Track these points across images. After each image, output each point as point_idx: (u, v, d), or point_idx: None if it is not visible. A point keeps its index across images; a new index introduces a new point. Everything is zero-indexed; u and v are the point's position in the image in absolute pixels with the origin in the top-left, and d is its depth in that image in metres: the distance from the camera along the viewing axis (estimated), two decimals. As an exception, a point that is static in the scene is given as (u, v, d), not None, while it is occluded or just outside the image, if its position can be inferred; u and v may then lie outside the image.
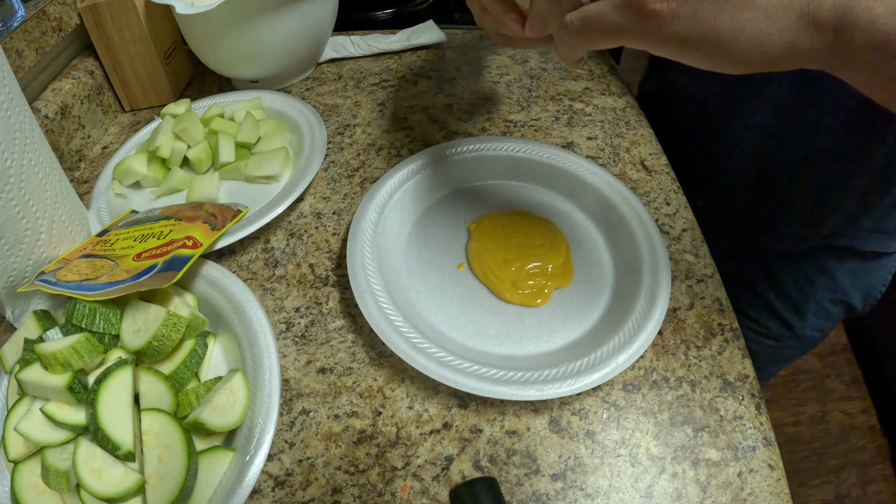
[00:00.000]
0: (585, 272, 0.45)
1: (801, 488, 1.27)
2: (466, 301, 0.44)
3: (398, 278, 0.45)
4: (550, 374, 0.36)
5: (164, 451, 0.33)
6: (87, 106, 0.60)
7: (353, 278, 0.41)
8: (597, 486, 0.35)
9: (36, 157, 0.40)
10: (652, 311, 0.39)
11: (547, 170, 0.51)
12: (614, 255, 0.46)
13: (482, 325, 0.42)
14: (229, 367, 0.40)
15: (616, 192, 0.48)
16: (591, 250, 0.47)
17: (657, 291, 0.40)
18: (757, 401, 0.38)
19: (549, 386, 0.36)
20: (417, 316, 0.42)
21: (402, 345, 0.37)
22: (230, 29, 0.57)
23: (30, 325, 0.38)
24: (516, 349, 0.41)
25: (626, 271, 0.44)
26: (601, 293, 0.44)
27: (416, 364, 0.37)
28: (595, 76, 0.67)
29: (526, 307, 0.43)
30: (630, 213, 0.46)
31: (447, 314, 0.43)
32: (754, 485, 0.34)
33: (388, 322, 0.39)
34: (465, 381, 0.36)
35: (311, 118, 0.57)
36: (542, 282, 0.44)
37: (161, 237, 0.43)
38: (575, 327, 0.42)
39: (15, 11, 0.52)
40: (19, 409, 0.35)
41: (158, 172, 0.54)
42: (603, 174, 0.49)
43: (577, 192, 0.50)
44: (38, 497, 0.34)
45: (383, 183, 0.49)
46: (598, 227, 0.49)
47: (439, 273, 0.46)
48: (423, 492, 0.35)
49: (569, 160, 0.51)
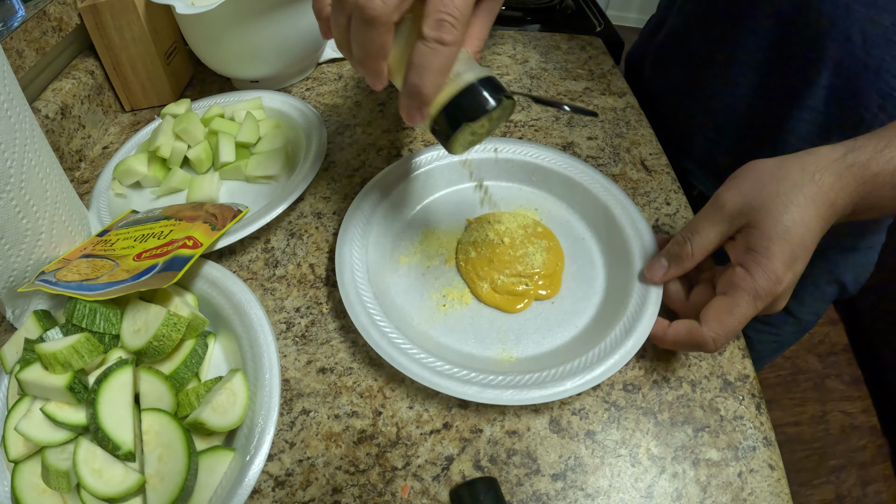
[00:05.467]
0: (579, 272, 0.45)
1: (801, 488, 1.27)
2: (462, 305, 0.44)
3: (386, 280, 0.45)
4: (548, 375, 0.36)
5: (164, 451, 0.33)
6: (87, 106, 0.60)
7: (342, 284, 0.41)
8: (597, 486, 0.35)
9: (36, 157, 0.40)
10: (645, 307, 0.39)
11: (545, 173, 0.51)
12: (606, 255, 0.46)
13: (482, 332, 0.42)
14: (229, 367, 0.40)
15: (605, 191, 0.48)
16: (584, 250, 0.47)
17: (649, 289, 0.40)
18: (757, 401, 0.38)
19: (548, 387, 0.35)
20: (407, 323, 0.42)
21: (402, 358, 0.37)
22: (230, 29, 0.57)
23: (30, 325, 0.38)
24: (515, 351, 0.41)
25: (619, 268, 0.44)
26: (594, 294, 0.44)
27: (411, 374, 0.37)
28: (595, 76, 0.67)
29: (543, 299, 0.43)
30: (621, 213, 0.46)
31: (440, 321, 0.43)
32: (754, 485, 0.34)
33: (381, 335, 0.39)
34: (463, 388, 0.36)
35: (311, 118, 0.57)
36: (525, 290, 0.43)
37: (161, 237, 0.42)
38: (570, 328, 0.42)
39: (15, 11, 0.52)
40: (20, 409, 0.35)
41: (159, 172, 0.54)
42: (593, 174, 0.49)
43: (570, 193, 0.50)
44: (38, 497, 0.34)
45: (376, 183, 0.49)
46: (590, 228, 0.48)
47: (420, 269, 0.46)
48: (424, 492, 0.35)
49: (564, 163, 0.51)
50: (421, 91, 0.30)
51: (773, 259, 0.34)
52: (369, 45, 0.30)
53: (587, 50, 0.72)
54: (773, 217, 0.34)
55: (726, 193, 0.37)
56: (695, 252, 0.38)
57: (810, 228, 0.34)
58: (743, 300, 0.34)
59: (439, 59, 0.29)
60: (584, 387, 0.35)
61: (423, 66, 0.29)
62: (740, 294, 0.35)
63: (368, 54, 0.30)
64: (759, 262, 0.34)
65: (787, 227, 0.34)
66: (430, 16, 0.28)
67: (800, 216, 0.34)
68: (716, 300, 0.36)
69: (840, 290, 0.63)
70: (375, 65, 0.31)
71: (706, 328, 0.35)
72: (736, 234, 0.37)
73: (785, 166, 0.36)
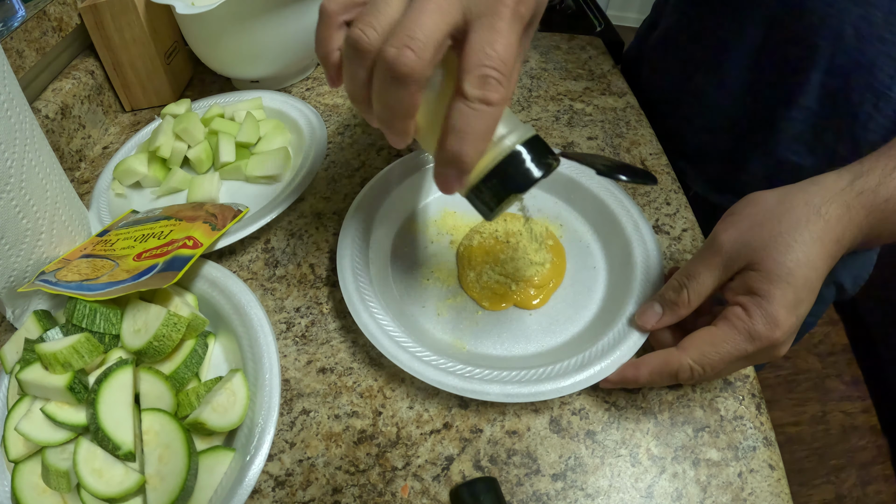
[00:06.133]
0: (579, 272, 0.45)
1: (801, 488, 1.27)
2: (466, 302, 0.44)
3: (389, 279, 0.45)
4: (548, 372, 0.36)
5: (164, 451, 0.33)
6: (87, 106, 0.60)
7: (344, 285, 0.41)
8: (597, 486, 0.35)
9: (36, 158, 0.40)
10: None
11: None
12: (607, 255, 0.46)
13: (483, 327, 0.42)
14: (230, 367, 0.40)
15: (607, 192, 0.47)
16: (585, 252, 0.47)
17: (650, 290, 0.40)
18: (757, 401, 0.38)
19: (547, 384, 0.35)
20: (406, 315, 0.42)
21: (404, 356, 0.37)
22: (230, 29, 0.57)
23: (30, 325, 0.38)
24: (515, 349, 0.41)
25: (620, 269, 0.44)
26: (594, 293, 0.44)
27: (413, 371, 0.36)
28: (595, 76, 0.67)
29: (523, 308, 0.43)
30: (623, 214, 0.46)
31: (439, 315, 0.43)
32: (755, 485, 0.34)
33: (384, 334, 0.39)
34: (464, 385, 0.36)
35: (311, 118, 0.57)
36: (507, 292, 0.43)
37: (161, 237, 0.43)
38: (570, 326, 0.42)
39: (15, 11, 0.52)
40: (20, 409, 0.35)
41: (159, 172, 0.54)
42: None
43: (572, 194, 0.50)
44: (38, 497, 0.34)
45: (377, 183, 0.49)
46: (592, 227, 0.48)
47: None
48: (424, 492, 0.35)
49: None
50: (462, 159, 0.25)
51: (775, 303, 0.31)
52: (397, 105, 0.25)
53: (587, 50, 0.72)
54: (774, 258, 0.32)
55: (723, 234, 0.34)
56: (691, 299, 0.35)
57: (816, 268, 0.32)
58: (730, 336, 0.32)
59: (484, 121, 0.25)
60: (584, 384, 0.36)
61: (464, 131, 0.25)
62: (730, 329, 0.32)
63: (395, 114, 0.26)
64: (760, 305, 0.32)
65: (790, 268, 0.31)
66: (471, 71, 0.24)
67: (804, 256, 0.31)
68: (702, 329, 0.34)
69: (839, 292, 0.63)
70: (402, 125, 0.27)
71: (684, 354, 0.33)
72: (735, 276, 0.34)
73: (787, 200, 0.33)
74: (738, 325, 0.32)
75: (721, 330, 0.33)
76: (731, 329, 0.32)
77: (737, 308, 0.33)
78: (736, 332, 0.32)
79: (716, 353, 0.32)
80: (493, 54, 0.24)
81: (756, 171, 0.56)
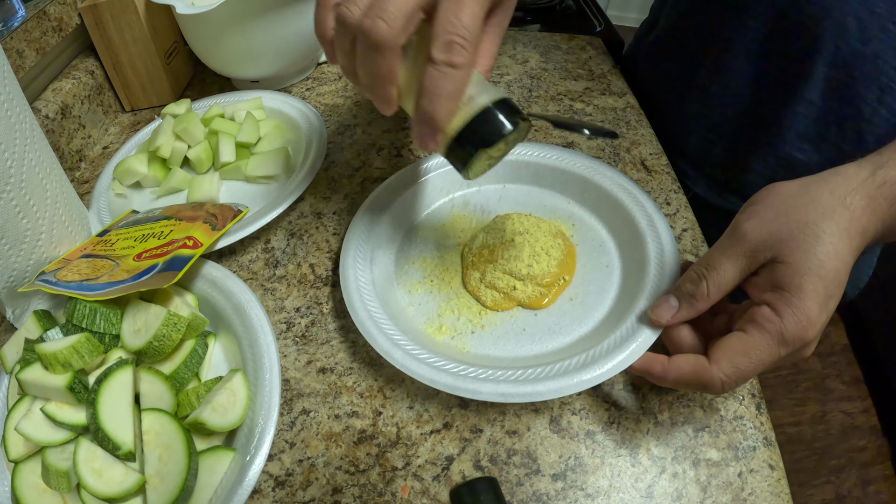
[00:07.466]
0: (594, 271, 0.44)
1: (801, 488, 1.27)
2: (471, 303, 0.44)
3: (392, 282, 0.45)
4: (548, 371, 0.36)
5: (164, 451, 0.33)
6: (87, 106, 0.60)
7: (346, 289, 0.41)
8: (597, 486, 0.35)
9: (36, 157, 0.40)
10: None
11: (550, 171, 0.50)
12: (622, 253, 0.45)
13: (485, 328, 0.42)
14: (230, 367, 0.40)
15: (621, 188, 0.46)
16: (599, 251, 0.46)
17: (664, 285, 0.39)
18: (757, 401, 0.38)
19: (547, 384, 0.35)
20: (403, 317, 0.42)
21: (398, 354, 0.37)
22: (230, 29, 0.57)
23: (30, 325, 0.38)
24: (516, 349, 0.41)
25: (634, 266, 0.43)
26: (607, 293, 0.43)
27: (413, 374, 0.36)
28: (595, 76, 0.67)
29: (529, 308, 0.43)
30: (636, 209, 0.45)
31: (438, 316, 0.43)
32: (755, 485, 0.34)
33: (383, 335, 0.38)
34: (464, 385, 0.35)
35: (311, 118, 0.57)
36: (510, 292, 0.42)
37: (161, 237, 0.43)
38: (578, 327, 0.41)
39: (15, 11, 0.52)
40: (20, 409, 0.35)
41: (159, 172, 0.54)
42: (608, 172, 0.48)
43: (583, 192, 0.49)
44: (38, 497, 0.34)
45: (383, 190, 0.49)
46: (606, 226, 0.47)
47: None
48: (424, 492, 0.35)
49: (573, 161, 0.50)
50: (434, 118, 0.28)
51: (806, 299, 0.29)
52: (376, 71, 0.28)
53: (587, 50, 0.72)
54: (804, 250, 0.30)
55: (746, 223, 0.32)
56: (711, 292, 0.33)
57: (845, 261, 0.30)
58: (764, 342, 0.30)
59: (451, 83, 0.27)
60: (587, 384, 0.35)
61: (434, 92, 0.28)
62: (762, 335, 0.30)
63: (376, 80, 0.29)
64: (790, 303, 0.29)
65: (821, 260, 0.29)
66: (438, 38, 0.27)
67: (833, 247, 0.30)
68: (732, 336, 0.31)
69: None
70: (384, 90, 0.30)
71: (715, 367, 0.31)
72: (759, 270, 0.32)
73: (811, 190, 0.32)
74: (770, 327, 0.30)
75: (752, 337, 0.30)
76: (763, 334, 0.30)
77: (764, 309, 0.31)
78: (768, 336, 0.30)
79: (749, 363, 0.30)
80: (457, 22, 0.27)
81: (759, 170, 0.56)
